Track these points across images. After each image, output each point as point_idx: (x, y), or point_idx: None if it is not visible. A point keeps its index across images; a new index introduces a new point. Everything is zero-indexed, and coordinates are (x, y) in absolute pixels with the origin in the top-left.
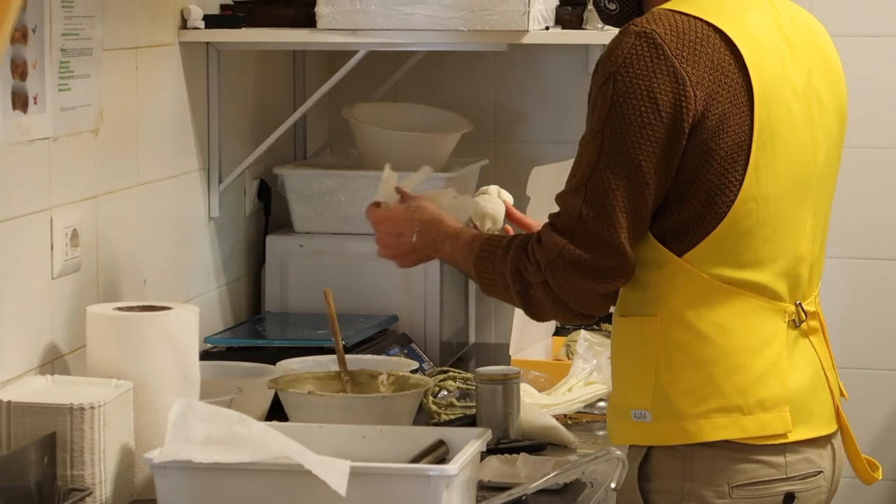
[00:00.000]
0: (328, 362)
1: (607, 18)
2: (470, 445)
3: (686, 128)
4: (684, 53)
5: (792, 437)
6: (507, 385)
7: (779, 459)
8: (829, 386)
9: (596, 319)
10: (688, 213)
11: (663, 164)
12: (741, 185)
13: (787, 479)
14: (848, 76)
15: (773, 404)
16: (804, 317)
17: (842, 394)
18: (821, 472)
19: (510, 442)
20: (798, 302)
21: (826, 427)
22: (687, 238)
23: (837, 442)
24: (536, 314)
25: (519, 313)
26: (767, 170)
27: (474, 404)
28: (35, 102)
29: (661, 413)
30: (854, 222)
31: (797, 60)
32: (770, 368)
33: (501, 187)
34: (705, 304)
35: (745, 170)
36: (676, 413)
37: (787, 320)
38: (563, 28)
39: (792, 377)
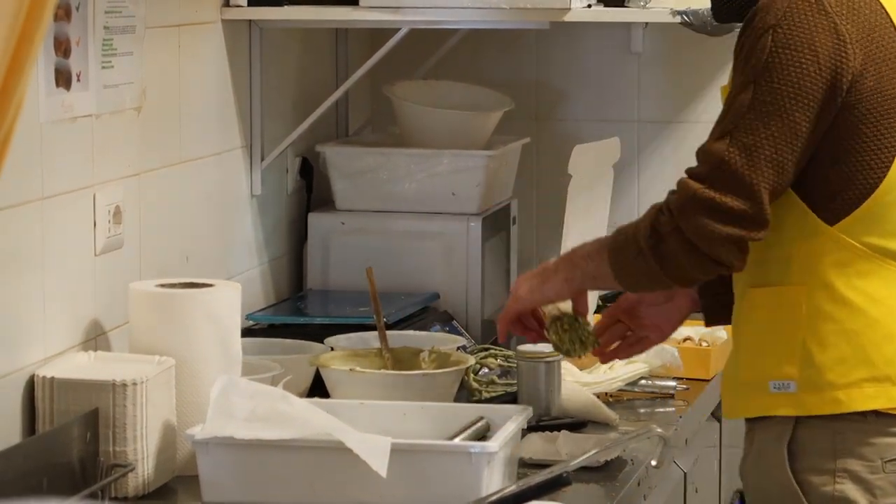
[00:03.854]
0: (372, 339)
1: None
2: (511, 423)
3: (844, 85)
4: (843, 11)
5: None
6: (549, 363)
7: None
8: None
9: (729, 273)
10: (842, 179)
11: (816, 119)
12: None
13: None
14: None
15: None
16: None
17: None
18: None
19: (551, 419)
20: None
21: None
22: (840, 206)
23: None
24: (670, 270)
25: None
26: None
27: (515, 382)
28: (78, 80)
29: (809, 383)
30: None
31: None
32: None
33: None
34: (856, 274)
35: None
36: (826, 383)
37: None
38: (606, 6)
39: None
